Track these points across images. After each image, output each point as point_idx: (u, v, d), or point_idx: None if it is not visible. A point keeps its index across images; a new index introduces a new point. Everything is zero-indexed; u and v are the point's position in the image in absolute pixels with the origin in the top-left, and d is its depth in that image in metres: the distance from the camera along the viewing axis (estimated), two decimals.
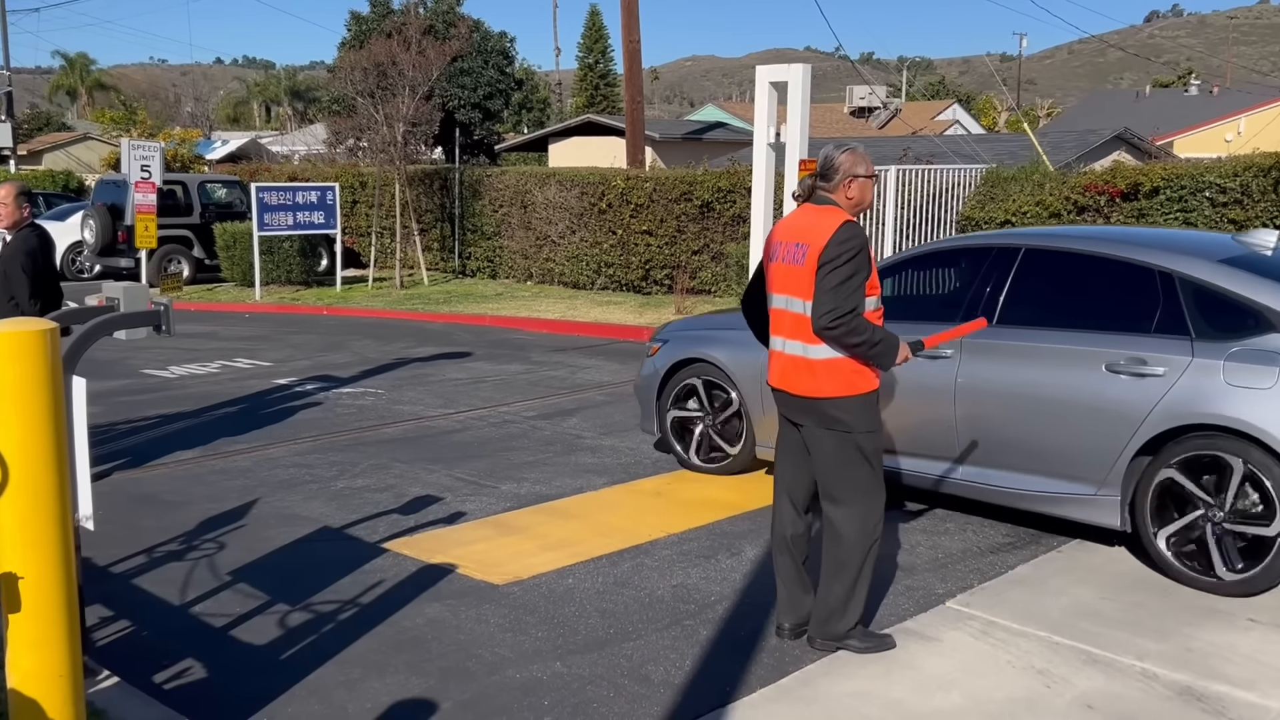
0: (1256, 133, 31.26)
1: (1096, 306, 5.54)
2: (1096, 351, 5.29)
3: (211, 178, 22.40)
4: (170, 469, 7.26)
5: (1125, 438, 5.12)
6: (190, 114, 64.21)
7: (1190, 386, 4.96)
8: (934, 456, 5.89)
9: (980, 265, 5.96)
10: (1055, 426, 5.39)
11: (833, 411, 4.11)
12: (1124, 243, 5.67)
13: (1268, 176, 11.07)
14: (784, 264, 4.20)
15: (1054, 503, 5.45)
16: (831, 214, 4.11)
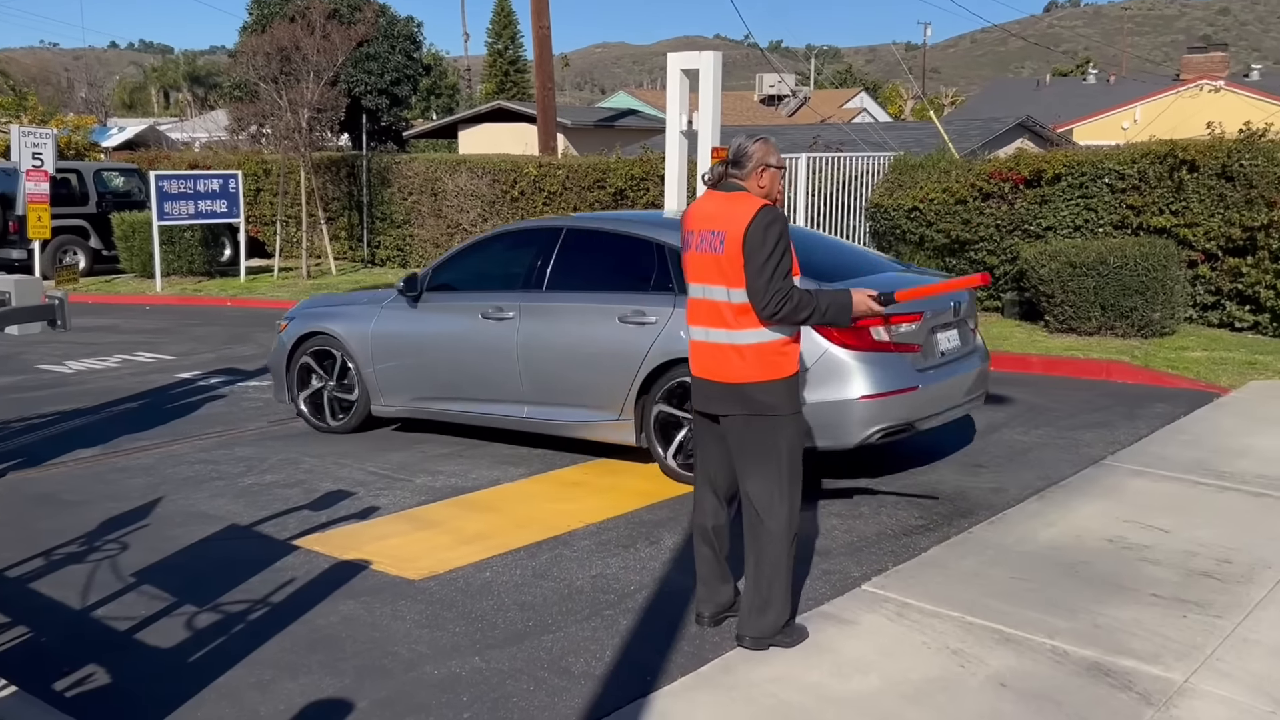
0: (1151, 120, 32.21)
1: (613, 272, 6.93)
2: (612, 307, 6.66)
3: (108, 166, 21.69)
4: (69, 468, 7.01)
5: (633, 372, 6.49)
6: (84, 100, 62.06)
7: (674, 330, 6.28)
8: (504, 401, 7.12)
9: (534, 244, 7.30)
10: (589, 368, 6.72)
11: (759, 396, 4.08)
12: (631, 222, 7.15)
13: (1163, 163, 11.40)
14: (699, 252, 4.15)
15: (592, 429, 6.82)
16: (745, 199, 4.09)
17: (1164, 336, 10.82)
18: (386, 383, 7.59)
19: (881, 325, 5.85)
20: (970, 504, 6.07)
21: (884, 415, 6.05)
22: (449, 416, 7.46)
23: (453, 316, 7.31)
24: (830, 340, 5.97)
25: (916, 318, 6.16)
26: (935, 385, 6.33)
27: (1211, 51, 39.92)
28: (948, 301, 6.50)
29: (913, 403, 6.16)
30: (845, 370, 6.00)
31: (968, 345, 6.84)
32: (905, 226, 12.73)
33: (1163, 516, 5.77)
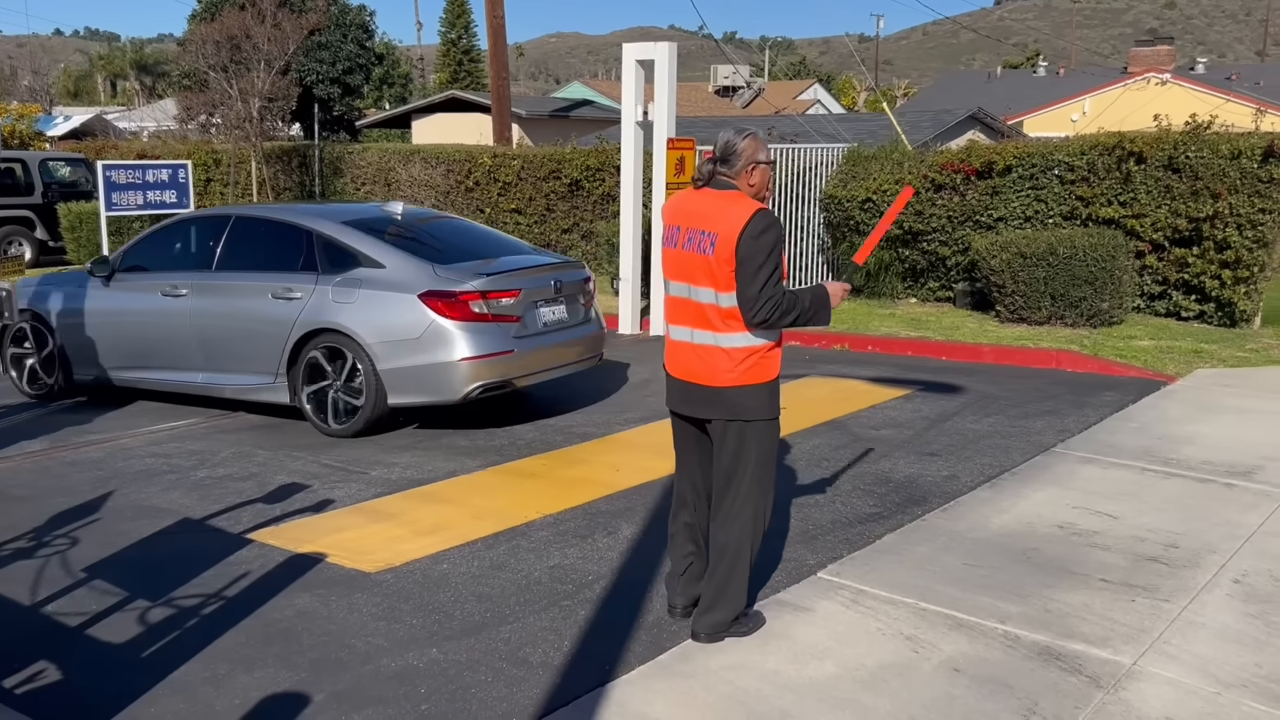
0: (1100, 113, 32.66)
1: (270, 255, 7.86)
2: (266, 285, 7.67)
3: (54, 155, 21.31)
4: (16, 462, 6.89)
5: (284, 340, 7.51)
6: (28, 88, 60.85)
7: (315, 304, 7.42)
8: (182, 369, 8.08)
9: (206, 229, 8.35)
10: (251, 339, 7.70)
11: (741, 400, 4.04)
12: (287, 211, 8.19)
13: (1111, 155, 11.57)
14: (685, 250, 4.05)
15: (256, 391, 7.78)
16: (739, 201, 4.00)
17: (1112, 326, 10.99)
18: (82, 354, 8.55)
19: (481, 300, 7.18)
20: (923, 492, 6.14)
21: (482, 374, 7.24)
22: (137, 384, 8.43)
23: (138, 295, 8.30)
24: (437, 312, 7.15)
25: (515, 294, 7.44)
26: (533, 350, 7.54)
27: (1158, 45, 40.53)
28: (549, 281, 7.78)
29: (509, 364, 7.37)
30: (450, 338, 7.15)
31: (576, 317, 8.09)
32: (859, 217, 12.82)
33: (1111, 503, 5.87)
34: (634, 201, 11.76)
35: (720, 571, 4.17)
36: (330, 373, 7.42)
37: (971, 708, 3.71)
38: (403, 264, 7.40)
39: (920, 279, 13.02)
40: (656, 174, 11.44)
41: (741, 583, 4.20)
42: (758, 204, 4.01)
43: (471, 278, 7.31)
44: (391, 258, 7.46)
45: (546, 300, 7.73)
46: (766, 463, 4.15)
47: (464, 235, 8.35)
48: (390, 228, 7.91)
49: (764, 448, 4.12)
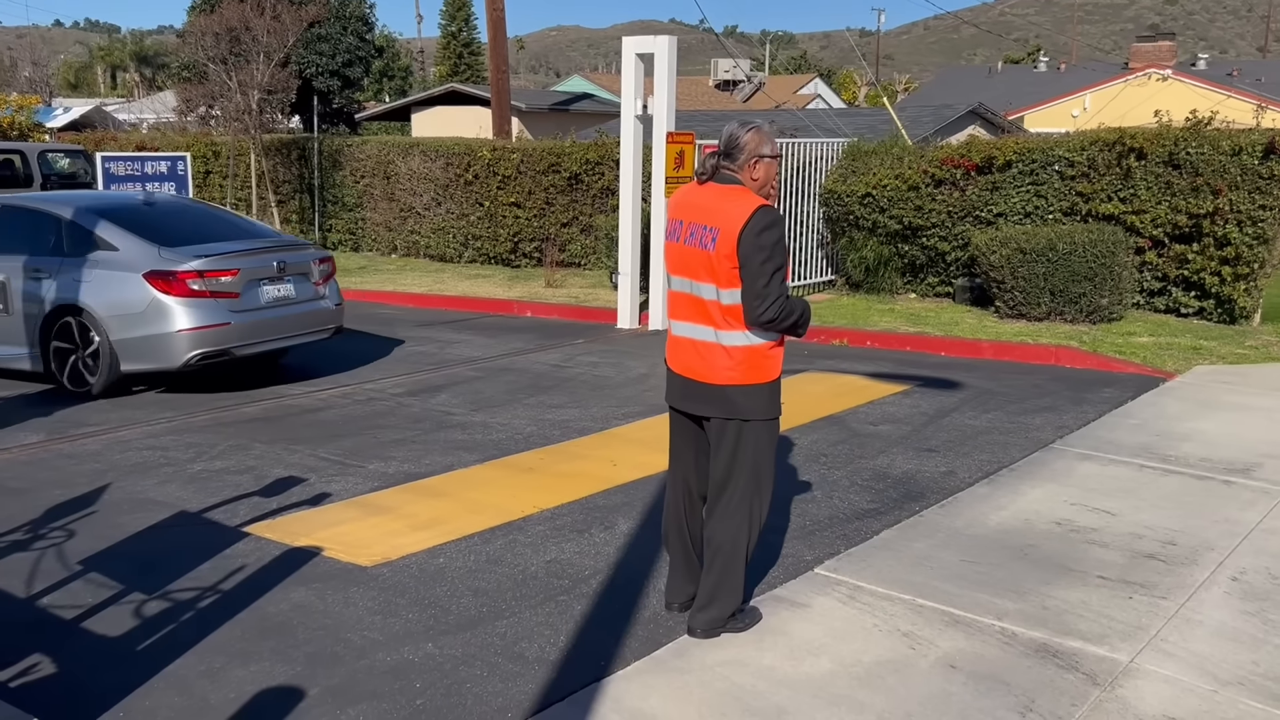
0: (1101, 108, 32.63)
1: (28, 239, 8.78)
2: (27, 265, 8.61)
3: (53, 146, 21.25)
4: (13, 454, 6.88)
5: (39, 315, 8.51)
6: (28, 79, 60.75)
7: (61, 283, 8.41)
8: None
9: None
10: (12, 316, 8.69)
11: (740, 399, 3.99)
12: (43, 199, 9.27)
13: (1112, 151, 11.54)
14: (688, 245, 4.00)
15: (19, 360, 8.72)
16: (742, 197, 3.92)
17: (1111, 322, 10.98)
18: None
19: (198, 278, 8.15)
20: (921, 487, 6.13)
21: (200, 344, 8.16)
22: None
23: None
24: (158, 289, 8.11)
25: (233, 273, 8.36)
26: (251, 323, 8.44)
27: (1159, 41, 40.46)
28: (271, 261, 8.67)
29: (225, 335, 8.26)
30: (169, 311, 8.11)
31: (305, 294, 8.99)
32: (858, 212, 12.80)
33: (1110, 500, 5.86)
34: (633, 195, 11.73)
35: (716, 568, 4.15)
36: (76, 343, 8.41)
37: (968, 705, 3.71)
38: (133, 246, 8.37)
39: (920, 274, 13.00)
40: (656, 168, 11.41)
41: (737, 580, 4.17)
42: (760, 200, 3.93)
43: (191, 259, 8.24)
44: (125, 241, 8.42)
45: (270, 278, 8.68)
46: (764, 462, 4.10)
47: (201, 220, 9.32)
48: (130, 214, 8.83)
49: (762, 447, 4.08)
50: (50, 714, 3.50)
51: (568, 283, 14.65)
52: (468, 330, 11.71)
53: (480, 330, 11.70)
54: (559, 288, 14.25)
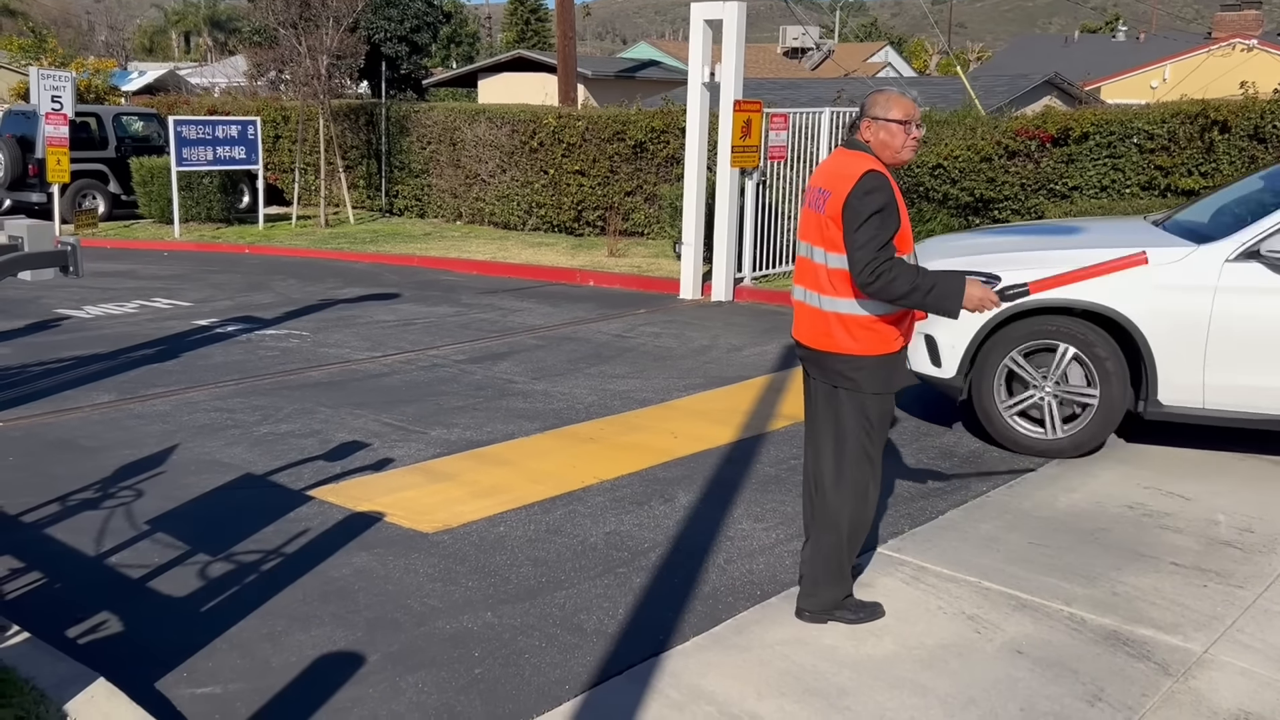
0: (1181, 80, 31.69)
1: None
2: None
3: (128, 110, 21.60)
4: (85, 413, 7.01)
5: None
6: (105, 43, 61.84)
7: None
8: None
9: None
10: None
11: (841, 368, 3.88)
12: None
13: (1194, 124, 11.19)
14: (808, 209, 3.97)
15: None
16: (858, 159, 3.82)
17: None
18: None
19: None
20: (988, 467, 6.01)
21: None
22: None
23: None
24: None
25: None
26: None
27: (1245, 10, 39.14)
28: None
29: None
30: None
31: None
32: (929, 183, 12.56)
33: (1184, 483, 5.70)
34: (698, 165, 11.61)
35: (818, 552, 4.05)
36: None
37: (1034, 691, 3.62)
38: None
39: None
40: (722, 137, 11.28)
41: (836, 566, 4.03)
42: (874, 163, 3.80)
43: None
44: None
45: None
46: (865, 440, 3.95)
47: None
48: None
49: (868, 421, 3.93)
50: (116, 672, 3.55)
51: (630, 252, 14.58)
52: (530, 298, 11.71)
53: (543, 298, 11.70)
54: (622, 257, 14.18)
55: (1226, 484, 5.71)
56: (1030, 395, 6.16)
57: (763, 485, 5.69)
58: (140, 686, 3.55)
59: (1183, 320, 5.80)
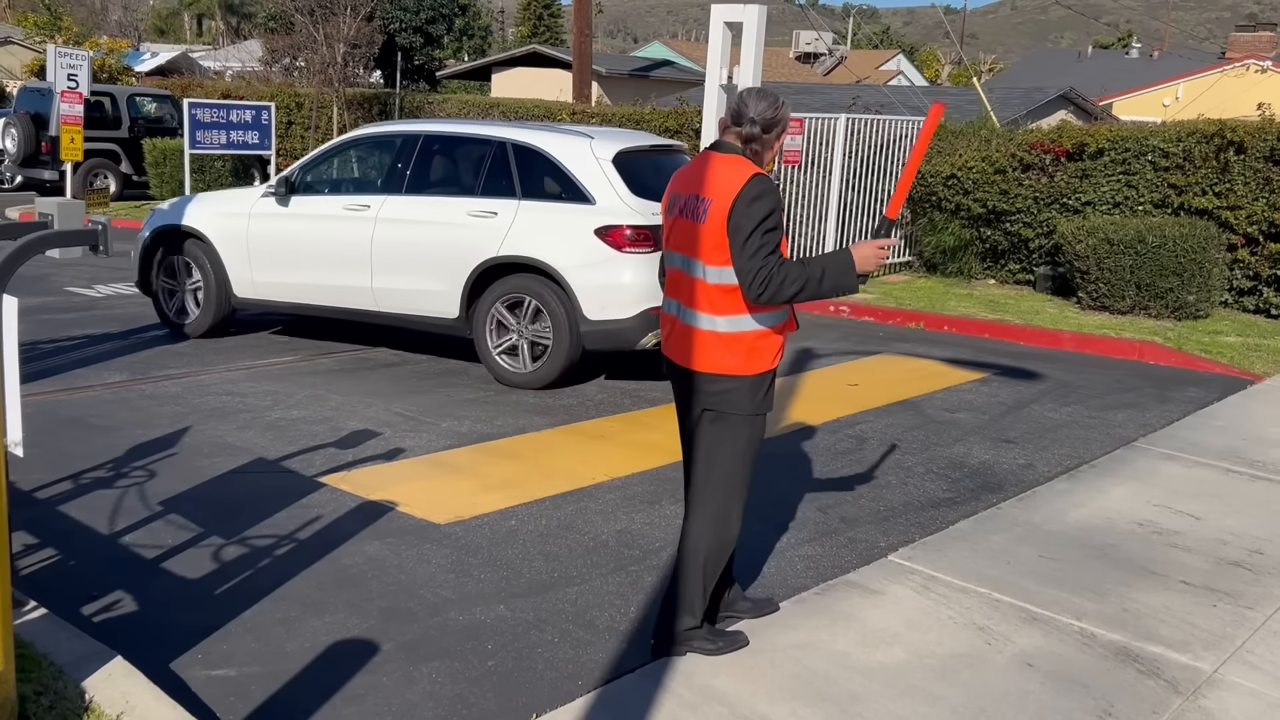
0: (1194, 99, 31.70)
1: None
2: None
3: (142, 91, 21.61)
4: (98, 392, 7.02)
5: None
6: (118, 23, 61.81)
7: None
8: None
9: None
10: None
11: (719, 389, 3.63)
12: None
13: (1210, 143, 11.20)
14: (682, 219, 3.66)
15: None
16: (738, 164, 3.57)
17: (1198, 319, 10.69)
18: None
19: None
20: (998, 479, 6.03)
21: None
22: None
23: None
24: None
25: None
26: None
27: (1260, 31, 39.16)
28: None
29: None
30: None
31: None
32: (941, 193, 12.57)
33: (1194, 503, 5.71)
34: None
35: (678, 575, 3.79)
36: None
37: (1045, 704, 3.63)
38: None
39: (1000, 260, 12.75)
40: None
41: (693, 591, 3.76)
42: (755, 168, 3.57)
43: None
44: None
45: None
46: (742, 462, 3.70)
47: None
48: None
49: (739, 445, 3.68)
50: (131, 651, 3.56)
51: None
52: None
53: None
54: None
55: (1236, 505, 5.72)
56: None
57: (770, 488, 5.71)
58: (156, 666, 3.56)
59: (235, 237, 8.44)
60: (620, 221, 7.26)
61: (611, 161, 7.53)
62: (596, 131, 8.23)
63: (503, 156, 7.81)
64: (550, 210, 7.47)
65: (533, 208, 7.50)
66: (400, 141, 8.38)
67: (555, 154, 7.63)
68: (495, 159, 7.83)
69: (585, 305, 7.30)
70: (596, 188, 7.44)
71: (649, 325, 7.25)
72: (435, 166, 8.27)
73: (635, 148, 7.84)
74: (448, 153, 8.34)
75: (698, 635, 3.82)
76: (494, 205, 7.58)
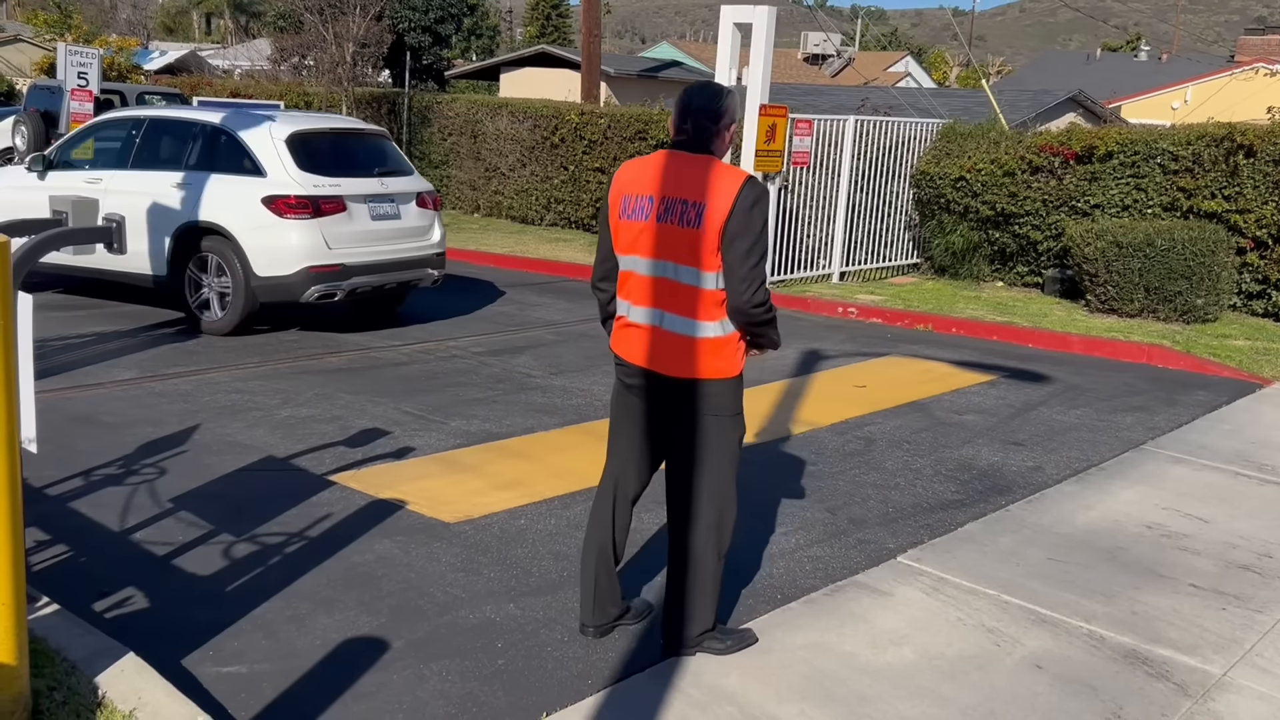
0: (1203, 102, 31.65)
1: None
2: None
3: (151, 89, 21.65)
4: (107, 390, 7.04)
5: None
6: (127, 21, 61.92)
7: None
8: None
9: None
10: None
11: (714, 392, 3.61)
12: None
13: (1219, 146, 11.18)
14: (670, 226, 3.52)
15: None
16: (721, 168, 3.51)
17: (1206, 323, 10.67)
18: None
19: None
20: (1007, 481, 6.03)
21: None
22: None
23: None
24: None
25: None
26: None
27: (1269, 34, 39.10)
28: None
29: None
30: None
31: None
32: (950, 196, 12.57)
33: (1203, 506, 5.71)
34: None
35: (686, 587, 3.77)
36: None
37: (1054, 707, 3.64)
38: None
39: (1009, 263, 12.74)
40: (746, 140, 11.29)
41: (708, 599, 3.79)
42: (744, 172, 3.56)
43: None
44: None
45: None
46: (734, 462, 3.74)
47: None
48: None
49: (733, 445, 3.72)
50: (142, 647, 3.57)
51: None
52: (549, 293, 11.74)
53: (561, 294, 11.72)
54: None
55: (1245, 508, 5.71)
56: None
57: (781, 489, 5.71)
58: (167, 663, 3.57)
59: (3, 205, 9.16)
60: (285, 192, 8.51)
61: (284, 141, 8.73)
62: (283, 115, 9.63)
63: (201, 137, 9.10)
64: (232, 182, 8.72)
65: (219, 180, 8.77)
66: (130, 125, 9.70)
67: (240, 134, 8.88)
68: (196, 139, 9.13)
69: (255, 263, 8.53)
70: (269, 163, 8.65)
71: (310, 281, 8.49)
72: (152, 146, 9.46)
73: (311, 129, 9.09)
74: (163, 134, 9.51)
75: (707, 635, 3.84)
76: (191, 178, 8.89)
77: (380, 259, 8.98)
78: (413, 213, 9.37)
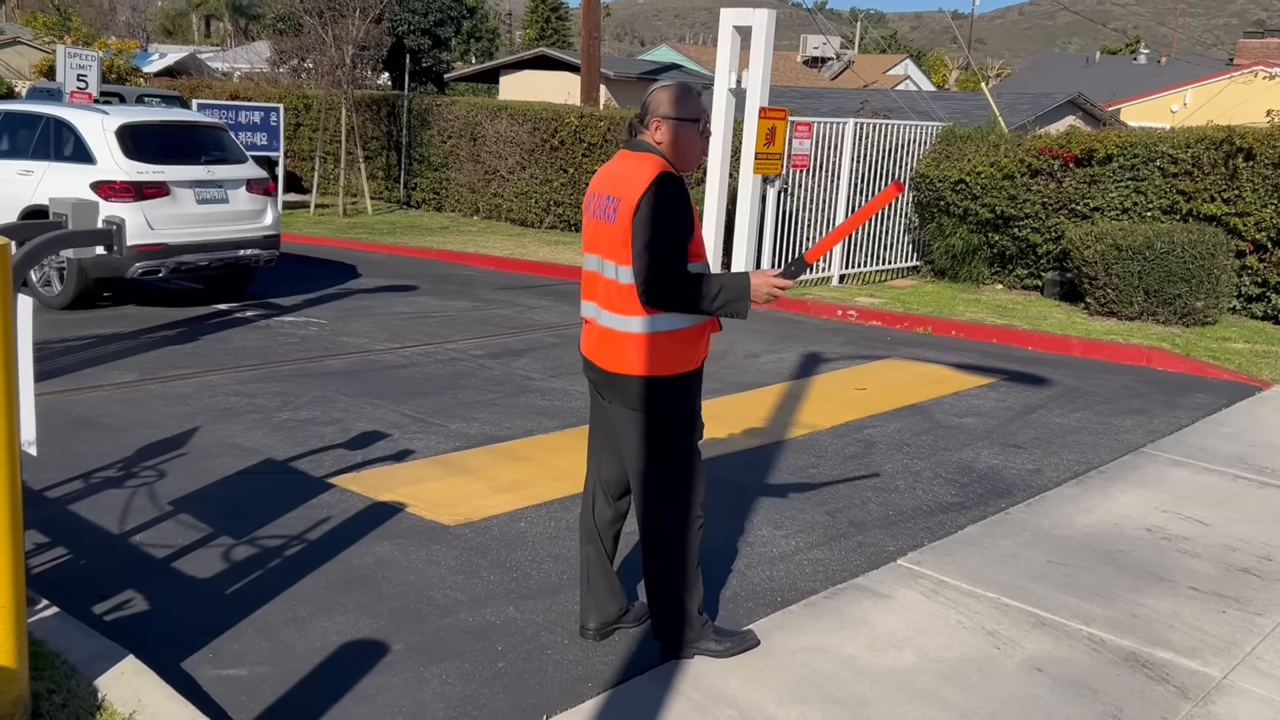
0: (1202, 105, 31.67)
1: None
2: None
3: (150, 91, 21.65)
4: (107, 392, 7.04)
5: None
6: (126, 24, 61.90)
7: None
8: None
9: None
10: None
11: (641, 391, 3.55)
12: None
13: (1219, 149, 11.19)
14: (595, 219, 3.58)
15: None
16: (647, 162, 3.47)
17: (1206, 326, 10.68)
18: None
19: None
20: (1007, 484, 6.03)
21: None
22: None
23: None
24: None
25: None
26: None
27: (1268, 37, 39.14)
28: None
29: None
30: None
31: None
32: (950, 198, 12.58)
33: (1203, 509, 5.71)
34: (720, 170, 11.64)
35: (656, 596, 3.79)
36: None
37: (1054, 709, 3.63)
38: None
39: (1008, 265, 12.75)
40: (746, 143, 11.31)
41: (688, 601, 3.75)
42: (664, 165, 3.47)
43: None
44: None
45: None
46: (679, 467, 3.66)
47: None
48: None
49: (676, 448, 3.64)
50: (142, 650, 3.57)
51: None
52: (547, 296, 11.74)
53: (560, 297, 11.72)
54: None
55: (1245, 511, 5.71)
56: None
57: (782, 492, 5.71)
58: (167, 665, 3.57)
59: None
60: (110, 178, 9.30)
61: (114, 132, 9.54)
62: (119, 109, 10.48)
63: (45, 128, 9.92)
64: (67, 169, 9.52)
65: (57, 167, 9.61)
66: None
67: (77, 125, 9.71)
68: (41, 129, 9.96)
69: None
70: (99, 152, 9.47)
71: (133, 259, 9.20)
72: (6, 137, 10.28)
73: (142, 121, 9.93)
74: (15, 126, 10.30)
75: (703, 636, 3.84)
76: (34, 165, 9.77)
77: (204, 239, 9.76)
78: (242, 198, 10.18)
